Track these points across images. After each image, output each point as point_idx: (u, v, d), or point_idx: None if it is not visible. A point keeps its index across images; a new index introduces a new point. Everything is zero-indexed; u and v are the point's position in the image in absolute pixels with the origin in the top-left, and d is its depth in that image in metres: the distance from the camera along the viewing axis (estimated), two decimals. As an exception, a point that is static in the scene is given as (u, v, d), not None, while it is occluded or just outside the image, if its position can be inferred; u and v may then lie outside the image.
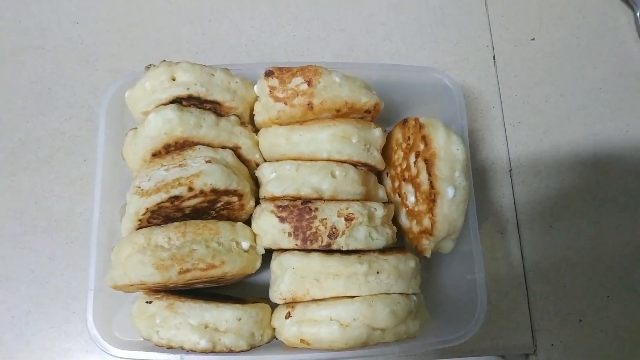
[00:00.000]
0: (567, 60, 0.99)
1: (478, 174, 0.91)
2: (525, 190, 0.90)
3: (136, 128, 0.73)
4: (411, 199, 0.74)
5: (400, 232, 0.77)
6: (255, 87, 0.75)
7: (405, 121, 0.76)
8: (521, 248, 0.86)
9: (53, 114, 0.90)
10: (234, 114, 0.76)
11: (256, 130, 0.77)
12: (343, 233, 0.67)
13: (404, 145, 0.76)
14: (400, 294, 0.67)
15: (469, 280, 0.74)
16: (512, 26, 1.01)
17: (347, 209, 0.69)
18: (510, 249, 0.86)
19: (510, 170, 0.92)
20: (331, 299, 0.66)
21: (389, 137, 0.79)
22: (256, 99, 0.76)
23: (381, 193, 0.79)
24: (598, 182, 0.91)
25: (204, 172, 0.67)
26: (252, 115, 0.77)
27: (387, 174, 0.80)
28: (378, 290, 0.66)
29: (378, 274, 0.66)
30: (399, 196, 0.77)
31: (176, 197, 0.67)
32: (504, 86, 0.97)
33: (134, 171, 0.74)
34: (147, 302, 0.68)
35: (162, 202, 0.67)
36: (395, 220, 0.77)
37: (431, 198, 0.69)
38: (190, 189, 0.67)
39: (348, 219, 0.68)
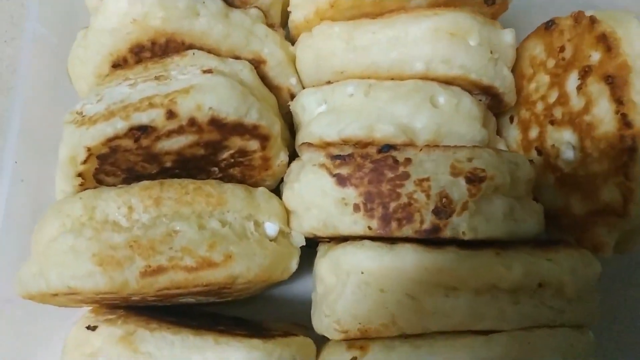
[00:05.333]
0: None
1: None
2: None
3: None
4: (568, 154, 0.50)
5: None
6: (295, -39, 0.53)
7: (551, 24, 0.53)
8: None
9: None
10: (256, 6, 0.55)
11: (292, 41, 0.58)
12: (464, 207, 0.41)
13: (551, 63, 0.52)
14: (572, 327, 0.43)
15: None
16: None
17: (469, 160, 0.42)
18: None
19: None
20: (441, 336, 0.44)
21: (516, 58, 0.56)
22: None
23: (502, 148, 0.54)
24: None
25: (198, 87, 0.45)
26: (285, 18, 0.58)
27: (512, 119, 0.57)
28: (535, 320, 0.43)
29: (540, 289, 0.42)
30: (538, 153, 0.52)
31: (142, 129, 0.44)
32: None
33: (82, 94, 0.55)
34: (88, 327, 0.46)
35: (117, 136, 0.44)
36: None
37: (624, 146, 0.43)
38: (171, 114, 0.44)
39: (473, 179, 0.41)
